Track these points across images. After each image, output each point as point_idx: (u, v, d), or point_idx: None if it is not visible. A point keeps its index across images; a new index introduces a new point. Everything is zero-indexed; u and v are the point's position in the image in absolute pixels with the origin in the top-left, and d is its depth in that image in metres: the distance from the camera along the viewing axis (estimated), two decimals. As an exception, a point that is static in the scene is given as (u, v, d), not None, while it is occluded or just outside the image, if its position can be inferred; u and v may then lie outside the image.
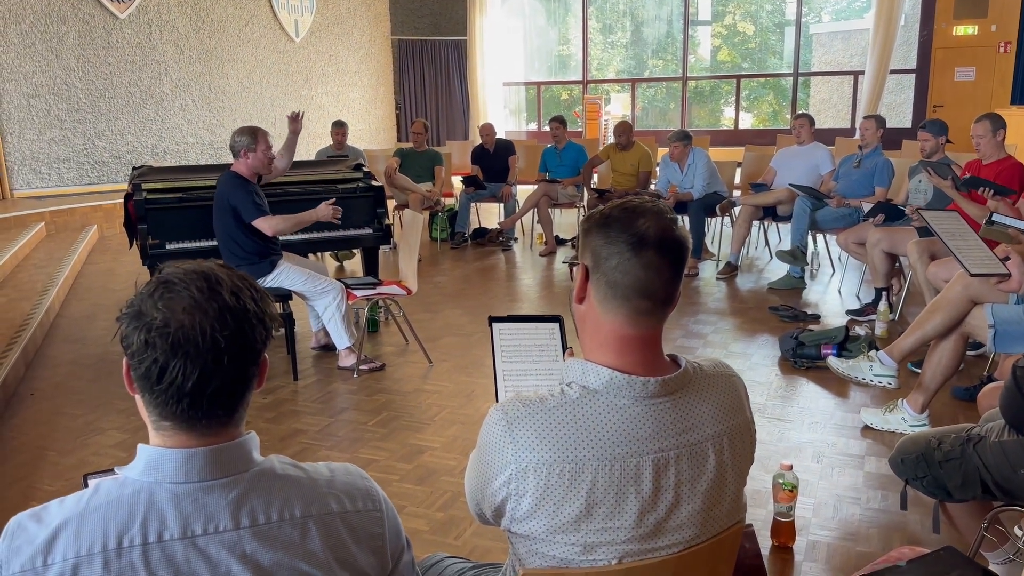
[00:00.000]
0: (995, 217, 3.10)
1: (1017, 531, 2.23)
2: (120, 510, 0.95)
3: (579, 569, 1.15)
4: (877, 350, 3.56)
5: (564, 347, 1.66)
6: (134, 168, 4.95)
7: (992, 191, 3.96)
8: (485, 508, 1.23)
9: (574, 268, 1.23)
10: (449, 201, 7.99)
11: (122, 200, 4.95)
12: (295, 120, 4.42)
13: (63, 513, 0.96)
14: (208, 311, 0.97)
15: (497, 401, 1.67)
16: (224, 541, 0.96)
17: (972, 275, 2.90)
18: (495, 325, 1.68)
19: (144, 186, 4.60)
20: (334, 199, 4.23)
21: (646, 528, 1.16)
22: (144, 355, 0.96)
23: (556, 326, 1.69)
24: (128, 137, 9.67)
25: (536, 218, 7.52)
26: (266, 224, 4.00)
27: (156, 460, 0.98)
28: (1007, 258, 2.82)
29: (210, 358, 0.96)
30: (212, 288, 0.98)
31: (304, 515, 1.01)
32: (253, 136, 4.01)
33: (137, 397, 1.03)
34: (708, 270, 6.40)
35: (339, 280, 4.31)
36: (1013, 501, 2.01)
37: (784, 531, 2.53)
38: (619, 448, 1.15)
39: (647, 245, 1.16)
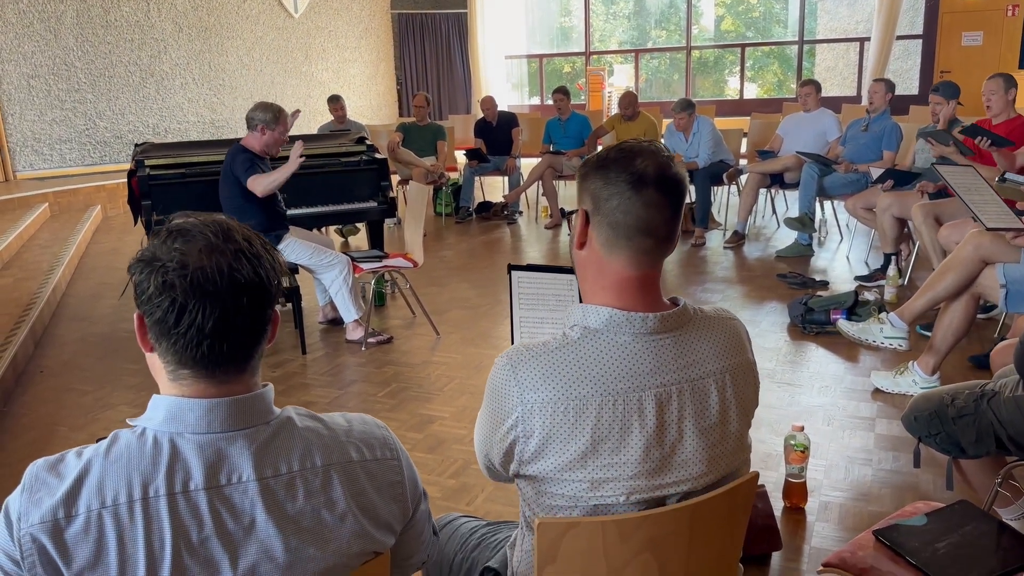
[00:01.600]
0: (1007, 175, 3.08)
1: (1030, 488, 2.23)
2: (143, 460, 0.94)
3: (595, 518, 1.15)
4: (887, 313, 3.54)
5: (581, 299, 1.68)
6: (136, 145, 4.94)
7: (990, 141, 3.93)
8: (494, 456, 1.24)
9: (572, 215, 1.27)
10: (453, 175, 7.95)
11: (125, 177, 4.93)
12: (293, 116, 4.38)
13: (82, 464, 0.94)
14: (226, 251, 0.97)
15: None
16: (248, 491, 0.96)
17: (988, 229, 2.87)
18: (514, 273, 1.72)
19: (147, 162, 4.58)
20: (302, 143, 4.12)
21: (652, 463, 1.17)
22: (161, 298, 0.95)
23: (574, 277, 1.73)
24: (129, 116, 9.63)
25: (541, 190, 7.48)
26: (255, 184, 3.97)
27: (178, 410, 0.96)
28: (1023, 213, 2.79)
29: (230, 298, 0.96)
30: (226, 233, 0.99)
31: (325, 464, 1.01)
32: (276, 117, 4.01)
33: (150, 355, 1.02)
34: (715, 239, 6.37)
35: (345, 253, 4.30)
36: (1028, 456, 2.00)
37: (796, 492, 2.53)
38: (621, 383, 1.16)
39: (647, 183, 1.17)
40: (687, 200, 7.16)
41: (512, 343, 1.68)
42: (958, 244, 3.40)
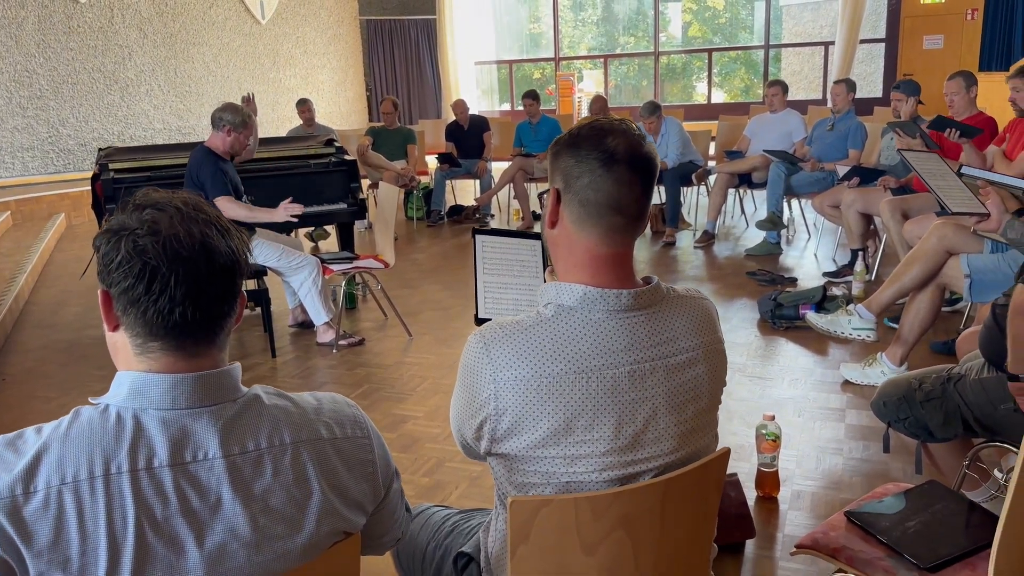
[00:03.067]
0: (964, 170, 3.12)
1: (997, 473, 2.26)
2: (105, 436, 0.91)
3: (567, 496, 1.14)
4: (855, 305, 3.58)
5: (545, 265, 1.69)
6: (100, 150, 4.86)
7: (959, 132, 4.00)
8: (467, 433, 1.23)
9: (544, 196, 1.29)
10: (424, 179, 7.93)
11: (89, 182, 4.85)
12: (248, 103, 4.51)
13: (42, 440, 0.91)
14: (197, 220, 0.96)
15: (476, 311, 1.72)
16: (214, 468, 0.94)
17: (953, 213, 2.92)
18: (478, 237, 1.73)
19: (112, 166, 4.51)
20: (291, 199, 4.09)
21: (624, 440, 1.17)
22: (132, 262, 0.92)
23: (538, 243, 1.73)
24: (93, 124, 9.48)
25: (512, 193, 7.48)
26: (225, 204, 3.92)
27: (142, 385, 0.94)
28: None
29: (204, 263, 0.94)
30: (195, 204, 0.98)
31: (294, 441, 0.99)
32: (244, 122, 3.99)
33: (112, 335, 0.99)
34: (685, 239, 6.41)
35: (315, 255, 4.26)
36: (994, 437, 2.03)
37: (768, 481, 2.54)
38: (594, 361, 1.15)
39: (618, 161, 1.17)
40: (657, 201, 7.14)
41: (476, 309, 1.69)
42: (921, 238, 3.45)
